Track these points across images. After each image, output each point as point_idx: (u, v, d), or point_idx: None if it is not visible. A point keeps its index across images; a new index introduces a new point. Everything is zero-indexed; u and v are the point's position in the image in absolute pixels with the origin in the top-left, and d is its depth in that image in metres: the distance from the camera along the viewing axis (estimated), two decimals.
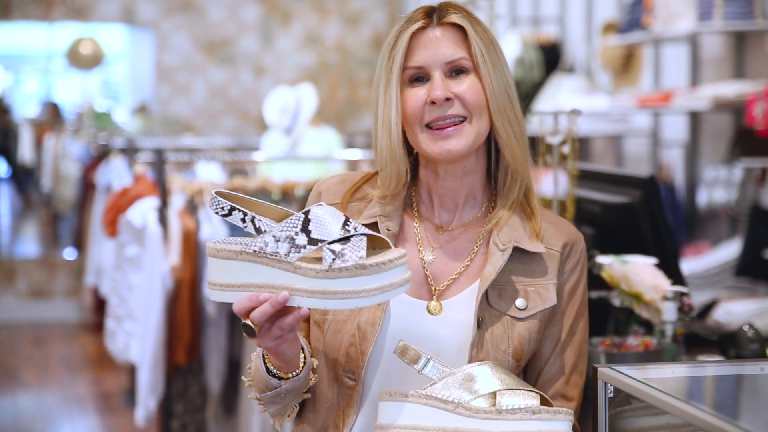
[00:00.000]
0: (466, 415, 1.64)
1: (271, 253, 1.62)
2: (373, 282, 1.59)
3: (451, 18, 1.82)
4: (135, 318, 4.82)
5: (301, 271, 1.61)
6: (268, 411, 1.83)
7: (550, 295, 1.82)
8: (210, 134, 9.58)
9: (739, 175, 4.58)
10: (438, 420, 1.65)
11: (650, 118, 5.58)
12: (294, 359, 1.75)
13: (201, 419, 4.77)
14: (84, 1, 9.66)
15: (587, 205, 2.77)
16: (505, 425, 1.63)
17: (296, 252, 1.61)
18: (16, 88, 13.68)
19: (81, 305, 8.93)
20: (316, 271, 1.59)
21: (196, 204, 4.75)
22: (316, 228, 1.62)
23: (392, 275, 1.60)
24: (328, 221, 1.63)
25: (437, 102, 1.78)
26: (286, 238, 1.61)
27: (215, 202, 1.66)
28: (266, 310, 1.62)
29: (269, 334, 1.66)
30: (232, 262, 1.65)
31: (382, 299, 1.61)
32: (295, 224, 1.62)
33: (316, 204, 1.68)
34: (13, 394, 6.66)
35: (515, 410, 1.63)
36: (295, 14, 9.99)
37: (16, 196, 12.11)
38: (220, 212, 1.66)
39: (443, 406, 1.66)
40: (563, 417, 1.63)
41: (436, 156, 1.80)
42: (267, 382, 1.76)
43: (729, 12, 4.39)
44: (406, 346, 1.70)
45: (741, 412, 1.62)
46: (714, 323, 2.80)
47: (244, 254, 1.64)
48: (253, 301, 1.63)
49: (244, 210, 1.65)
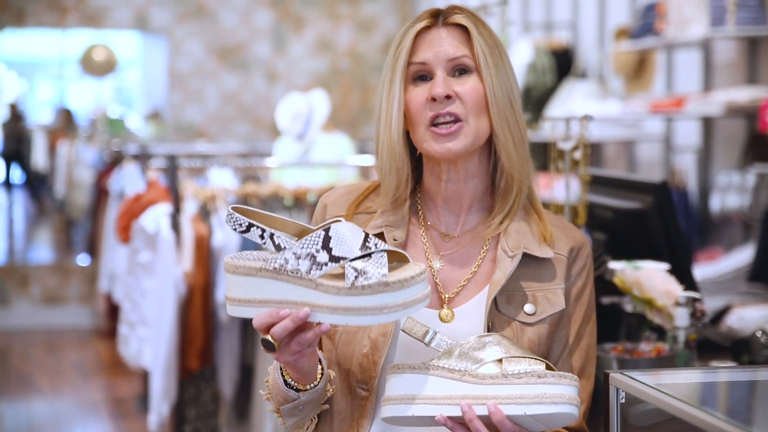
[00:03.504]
0: (472, 383, 1.65)
1: (291, 271, 1.62)
2: (396, 299, 1.60)
3: (456, 18, 1.83)
4: (148, 324, 4.83)
5: (323, 288, 1.61)
6: (287, 423, 1.83)
7: (559, 300, 1.82)
8: (222, 140, 9.60)
9: (752, 180, 4.57)
10: (445, 389, 1.66)
11: (663, 123, 5.57)
12: (312, 371, 1.75)
13: (214, 424, 4.78)
14: (97, 8, 9.69)
15: (599, 211, 2.77)
16: (511, 389, 1.64)
17: (318, 269, 1.61)
18: (29, 95, 13.74)
19: (94, 311, 8.95)
20: (339, 289, 1.60)
21: (209, 210, 4.76)
22: (337, 245, 1.62)
23: (414, 291, 1.61)
24: (348, 238, 1.63)
25: (437, 98, 1.79)
26: (306, 256, 1.62)
27: (233, 219, 1.66)
28: (287, 325, 1.63)
29: (288, 349, 1.67)
30: (251, 278, 1.65)
31: (404, 315, 1.62)
32: (316, 241, 1.62)
33: (334, 219, 1.68)
34: (26, 399, 6.68)
35: (521, 374, 1.64)
36: (307, 20, 10.01)
37: (29, 202, 12.16)
38: (237, 229, 1.66)
39: (450, 375, 1.67)
40: (568, 381, 1.64)
41: (436, 154, 1.80)
42: (285, 395, 1.77)
43: (742, 17, 4.38)
44: (412, 321, 1.71)
45: (754, 419, 1.62)
46: (727, 329, 2.79)
47: (264, 271, 1.64)
48: (274, 317, 1.64)
49: (262, 227, 1.65)
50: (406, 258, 1.66)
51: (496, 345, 1.68)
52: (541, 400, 1.63)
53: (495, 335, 1.70)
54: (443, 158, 1.81)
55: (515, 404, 1.63)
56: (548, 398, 1.62)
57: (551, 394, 1.63)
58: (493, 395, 1.64)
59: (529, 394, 1.63)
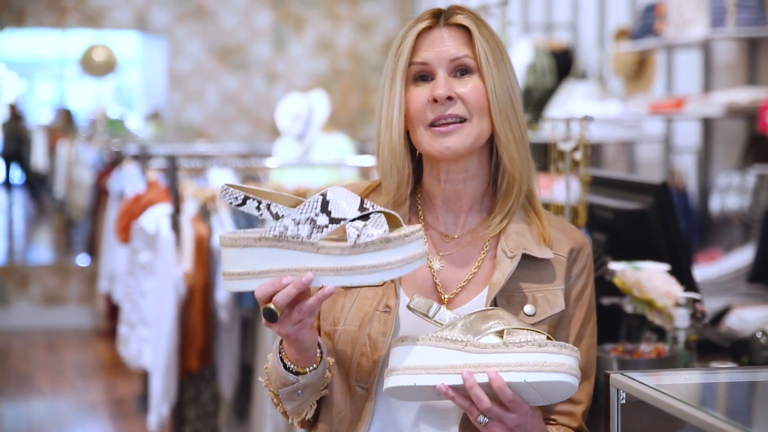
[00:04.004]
0: (474, 352, 1.66)
1: (292, 236, 1.63)
2: (397, 254, 1.62)
3: (457, 19, 1.83)
4: (148, 324, 4.84)
5: (325, 250, 1.63)
6: (285, 408, 1.83)
7: (559, 301, 1.82)
8: (222, 141, 9.60)
9: (752, 181, 4.57)
10: (447, 359, 1.67)
11: (663, 124, 5.58)
12: (311, 350, 1.75)
13: (214, 425, 4.78)
14: (97, 8, 9.70)
15: (599, 212, 2.77)
16: (512, 357, 1.65)
17: (318, 232, 1.63)
18: (29, 95, 13.74)
19: (94, 311, 8.95)
20: (342, 249, 1.62)
21: (209, 210, 4.77)
22: (335, 208, 1.64)
23: (414, 247, 1.63)
24: (345, 201, 1.65)
25: (439, 100, 1.79)
26: (306, 220, 1.63)
27: (228, 193, 1.67)
28: (290, 292, 1.63)
29: (290, 318, 1.67)
30: (251, 249, 1.66)
31: (406, 271, 1.64)
32: (315, 206, 1.64)
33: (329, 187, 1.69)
34: (26, 400, 6.68)
35: (522, 343, 1.65)
36: (307, 21, 10.01)
37: (29, 202, 12.16)
38: (233, 202, 1.67)
39: (452, 346, 1.68)
40: (569, 352, 1.64)
41: (436, 153, 1.80)
42: (284, 378, 1.77)
43: (742, 18, 4.39)
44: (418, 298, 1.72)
45: (754, 419, 1.62)
46: (727, 330, 2.79)
47: (263, 240, 1.65)
48: (276, 285, 1.64)
49: (258, 198, 1.67)
50: (400, 222, 1.68)
51: (498, 318, 1.69)
52: (541, 368, 1.63)
53: (497, 309, 1.71)
54: (443, 157, 1.80)
55: (515, 371, 1.64)
56: (548, 366, 1.63)
57: (551, 363, 1.63)
58: (493, 363, 1.65)
59: (530, 362, 1.64)
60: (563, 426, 1.82)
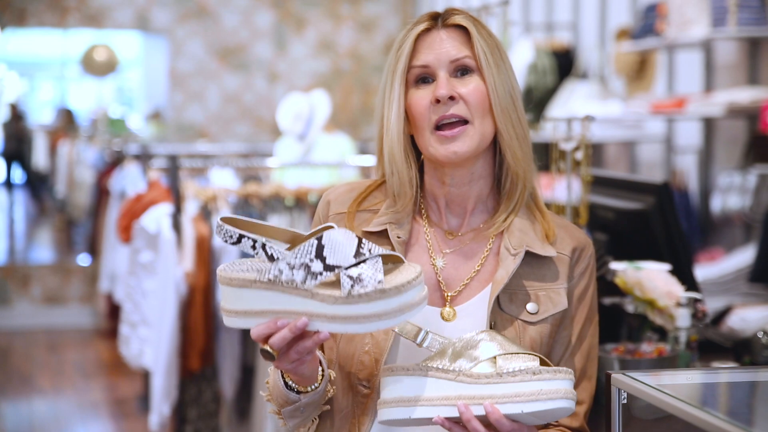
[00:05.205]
0: (467, 382, 1.65)
1: (286, 281, 1.61)
2: (393, 304, 1.59)
3: (456, 20, 1.84)
4: (149, 324, 4.84)
5: (319, 297, 1.60)
6: (287, 425, 1.83)
7: (561, 300, 1.82)
8: (223, 140, 9.60)
9: (754, 181, 4.56)
10: (440, 390, 1.66)
11: (664, 124, 5.57)
12: (312, 375, 1.75)
13: (215, 425, 4.78)
14: (98, 8, 9.70)
15: (601, 212, 2.77)
16: (507, 388, 1.64)
17: (312, 279, 1.60)
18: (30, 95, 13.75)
19: (95, 311, 8.95)
20: (335, 298, 1.59)
21: (210, 210, 4.77)
22: (330, 253, 1.61)
23: (411, 296, 1.60)
24: (342, 245, 1.62)
25: (441, 100, 1.79)
26: (300, 266, 1.60)
27: (223, 231, 1.65)
28: (285, 335, 1.62)
29: (287, 357, 1.67)
30: (246, 290, 1.64)
31: (402, 320, 1.61)
32: (309, 251, 1.61)
33: (326, 226, 1.67)
34: (28, 399, 6.68)
35: (516, 372, 1.64)
36: (308, 20, 10.01)
37: (30, 202, 12.17)
38: (228, 240, 1.64)
39: (444, 376, 1.67)
40: (563, 376, 1.64)
41: (442, 158, 1.80)
42: (286, 397, 1.77)
43: (743, 18, 4.38)
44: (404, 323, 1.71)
45: (755, 419, 1.62)
46: (728, 330, 2.79)
47: (258, 283, 1.63)
48: (271, 327, 1.63)
49: (253, 237, 1.64)
50: (401, 259, 1.66)
51: (489, 342, 1.68)
52: (537, 397, 1.62)
53: (487, 332, 1.70)
54: (449, 162, 1.81)
55: (512, 403, 1.63)
56: (545, 395, 1.62)
57: (547, 390, 1.62)
58: (489, 395, 1.64)
59: (526, 392, 1.63)
60: (565, 426, 1.82)
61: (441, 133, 1.80)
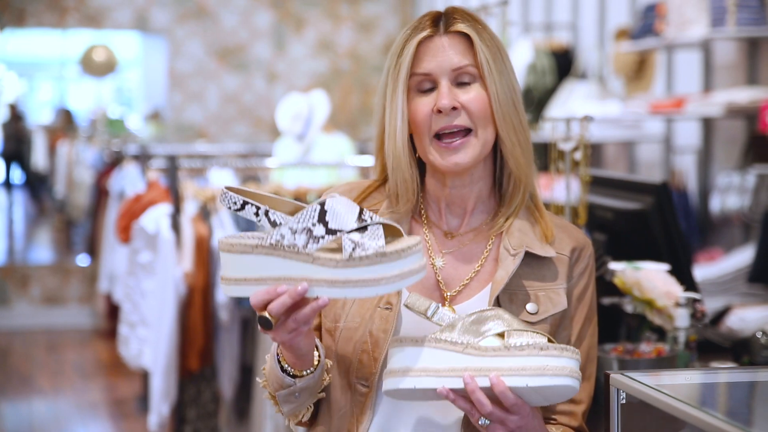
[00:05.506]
0: (474, 354, 1.65)
1: (288, 246, 1.62)
2: (393, 269, 1.60)
3: (458, 26, 1.83)
4: (148, 324, 4.84)
5: (320, 261, 1.61)
6: (282, 410, 1.83)
7: (561, 300, 1.83)
8: (223, 141, 9.60)
9: (752, 181, 4.56)
10: (447, 361, 1.66)
11: (663, 124, 5.57)
12: (308, 354, 1.75)
13: (214, 425, 4.78)
14: (97, 9, 9.70)
15: (599, 212, 2.77)
16: (514, 361, 1.64)
17: (314, 243, 1.61)
18: (29, 95, 13.75)
19: (94, 311, 8.95)
20: (336, 261, 1.60)
21: (209, 210, 4.77)
22: (333, 218, 1.62)
23: (411, 262, 1.61)
24: (344, 211, 1.63)
25: (444, 111, 1.79)
26: (303, 230, 1.61)
27: (227, 198, 1.66)
28: (285, 301, 1.63)
29: (285, 327, 1.67)
30: (247, 256, 1.65)
31: (402, 285, 1.62)
32: (312, 215, 1.62)
33: (329, 195, 1.68)
34: (27, 400, 6.68)
35: (523, 347, 1.64)
36: (307, 21, 10.01)
37: (29, 202, 12.17)
38: (232, 207, 1.66)
39: (452, 348, 1.67)
40: (570, 354, 1.64)
41: (443, 168, 1.81)
42: (281, 380, 1.77)
43: (742, 18, 4.38)
44: (415, 296, 1.71)
45: (754, 419, 1.62)
46: (727, 330, 2.79)
47: (260, 248, 1.64)
48: (271, 293, 1.63)
49: (257, 204, 1.65)
50: (401, 232, 1.66)
51: (497, 319, 1.68)
52: (543, 372, 1.63)
53: (496, 309, 1.71)
54: (450, 172, 1.82)
55: (517, 376, 1.63)
56: (550, 370, 1.63)
57: (553, 367, 1.63)
58: (495, 367, 1.64)
59: (532, 366, 1.63)
60: (564, 425, 1.82)
61: (442, 143, 1.80)
